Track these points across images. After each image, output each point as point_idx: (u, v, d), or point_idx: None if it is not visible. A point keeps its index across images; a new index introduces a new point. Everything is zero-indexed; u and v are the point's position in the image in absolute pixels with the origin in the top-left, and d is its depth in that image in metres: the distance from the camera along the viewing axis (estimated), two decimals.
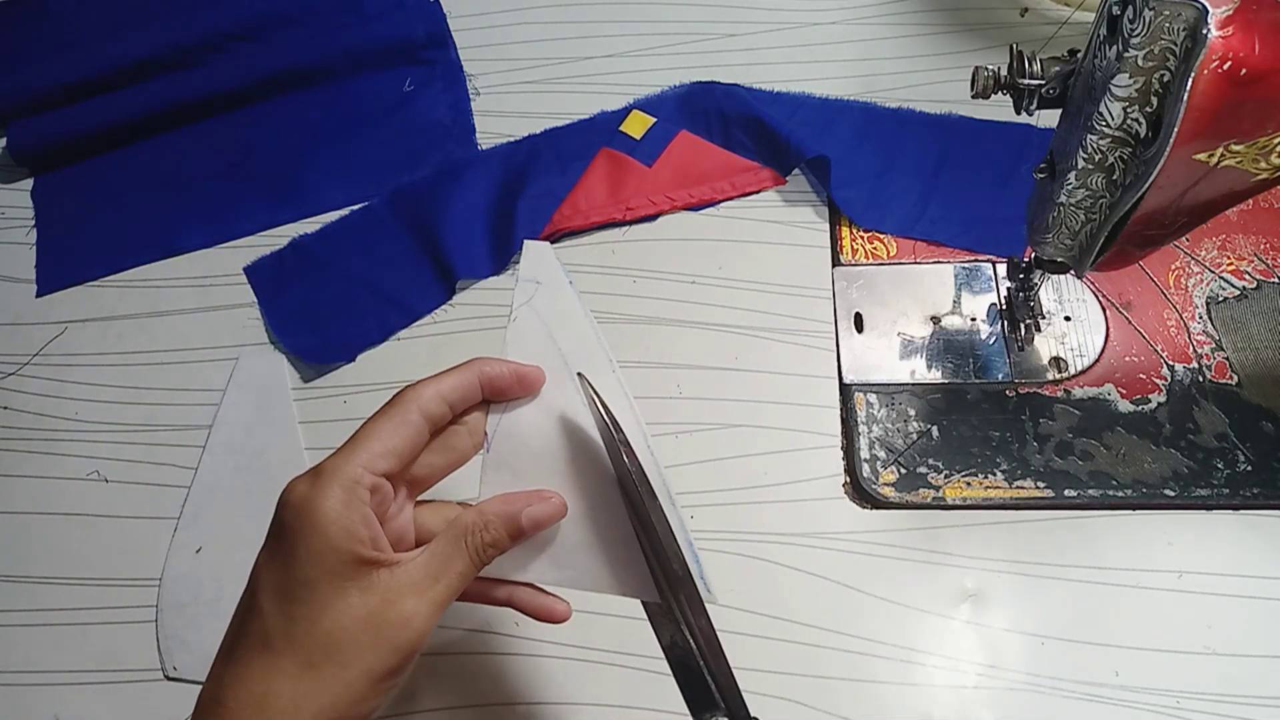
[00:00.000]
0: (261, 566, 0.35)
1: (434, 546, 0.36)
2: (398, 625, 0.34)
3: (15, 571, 0.56)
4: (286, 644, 0.33)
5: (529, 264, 0.43)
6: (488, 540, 0.37)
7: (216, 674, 0.35)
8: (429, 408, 0.37)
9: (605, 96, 0.70)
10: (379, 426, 0.36)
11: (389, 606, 0.34)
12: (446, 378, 0.38)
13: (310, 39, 0.73)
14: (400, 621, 0.34)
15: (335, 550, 0.34)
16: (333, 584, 0.34)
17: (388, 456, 0.36)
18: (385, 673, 0.34)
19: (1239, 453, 0.53)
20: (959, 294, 0.60)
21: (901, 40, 0.72)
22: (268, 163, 0.70)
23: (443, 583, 0.36)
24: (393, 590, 0.34)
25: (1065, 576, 0.51)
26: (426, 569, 0.36)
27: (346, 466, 0.35)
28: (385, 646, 0.34)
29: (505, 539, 0.37)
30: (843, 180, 0.64)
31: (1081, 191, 0.43)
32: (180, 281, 0.65)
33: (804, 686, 0.49)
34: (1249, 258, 0.60)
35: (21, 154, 0.70)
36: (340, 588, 0.34)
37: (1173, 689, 0.48)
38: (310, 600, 0.33)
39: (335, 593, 0.34)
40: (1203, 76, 0.35)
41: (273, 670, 0.33)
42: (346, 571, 0.34)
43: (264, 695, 0.33)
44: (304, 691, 0.33)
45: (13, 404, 0.61)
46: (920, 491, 0.54)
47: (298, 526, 0.34)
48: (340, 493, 0.34)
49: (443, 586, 0.36)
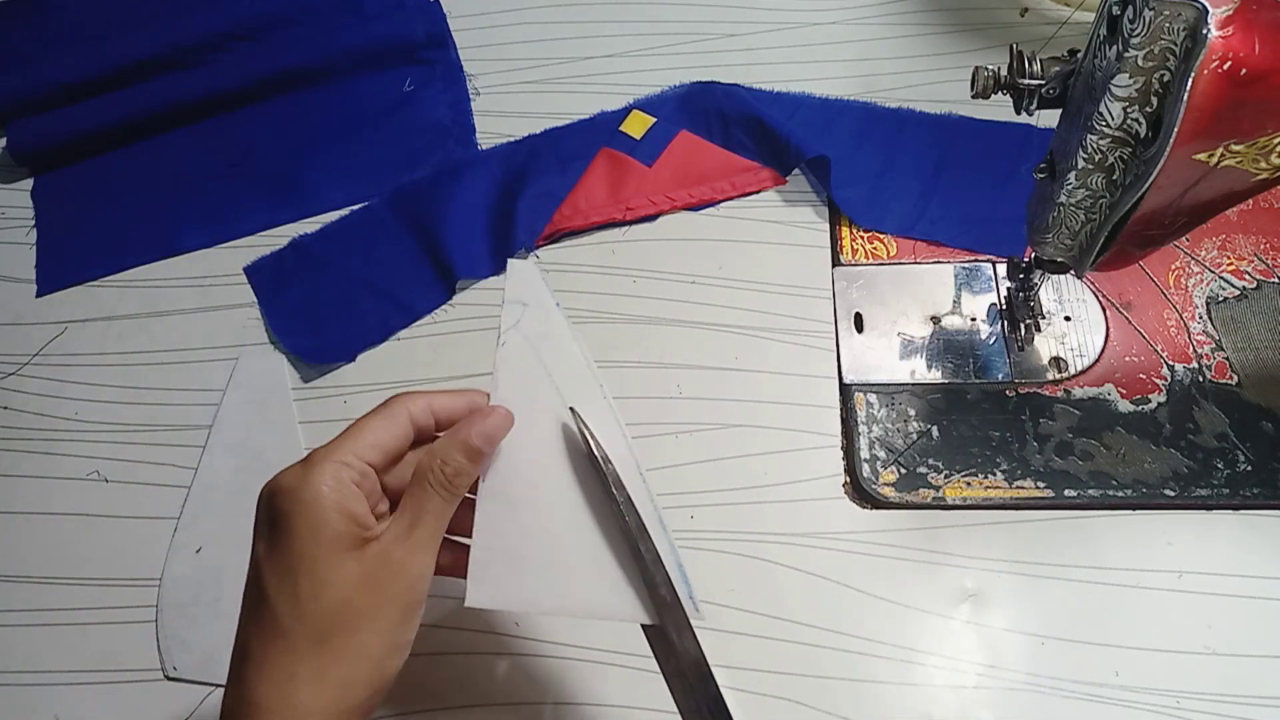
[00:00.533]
0: (261, 557, 0.36)
1: (405, 498, 0.38)
2: (392, 578, 0.36)
3: (15, 571, 0.56)
4: (297, 623, 0.35)
5: (515, 284, 0.42)
6: (450, 471, 0.37)
7: (237, 675, 0.35)
8: (417, 414, 0.39)
9: (605, 96, 0.70)
10: (367, 422, 0.38)
11: (381, 565, 0.36)
12: (440, 394, 0.40)
13: (310, 39, 0.73)
14: (393, 574, 0.36)
15: (330, 524, 0.35)
16: (331, 556, 0.35)
17: (375, 448, 0.37)
18: (393, 627, 0.36)
19: (1239, 453, 0.53)
20: (959, 294, 0.60)
21: (901, 40, 0.72)
22: (268, 163, 0.70)
23: (422, 524, 0.37)
24: (381, 551, 0.36)
25: (1065, 576, 0.51)
26: (403, 520, 0.37)
27: (335, 453, 0.36)
28: (385, 602, 0.36)
29: (465, 463, 0.38)
30: (843, 180, 0.64)
31: (1081, 191, 0.43)
32: (180, 281, 0.65)
33: (804, 686, 0.49)
34: (1249, 258, 0.60)
35: (21, 154, 0.70)
36: (338, 559, 0.35)
37: (1173, 689, 0.48)
38: (313, 574, 0.35)
39: (334, 564, 0.35)
40: (1203, 76, 0.35)
41: (289, 653, 0.34)
42: (342, 544, 0.35)
43: (288, 680, 0.34)
44: (323, 665, 0.34)
45: (13, 404, 0.61)
46: (920, 491, 0.54)
47: (291, 508, 0.35)
48: (331, 474, 0.36)
49: (423, 528, 0.37)
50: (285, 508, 0.35)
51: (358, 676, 0.35)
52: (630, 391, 0.58)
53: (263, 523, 0.37)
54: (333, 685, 0.34)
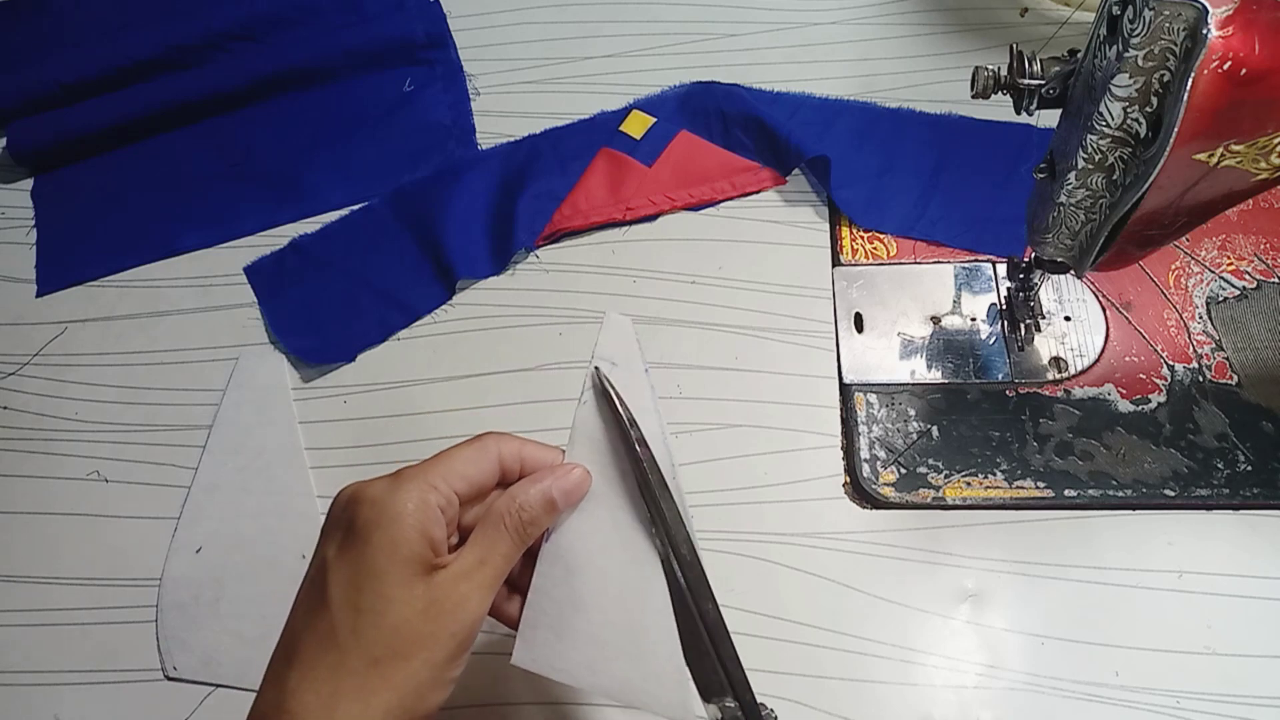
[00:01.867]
0: (331, 559, 0.35)
1: (476, 534, 0.37)
2: (453, 611, 0.35)
3: (15, 571, 0.56)
4: (353, 639, 0.34)
5: (608, 339, 0.41)
6: (526, 519, 0.37)
7: (279, 677, 0.35)
8: (506, 456, 0.39)
9: (605, 96, 0.70)
10: (459, 452, 0.38)
11: (445, 595, 0.35)
12: (531, 444, 0.40)
13: (310, 39, 0.73)
14: (455, 607, 0.35)
15: (409, 542, 0.34)
16: (402, 575, 0.34)
17: (463, 479, 0.37)
18: (445, 661, 0.35)
19: (1239, 453, 0.53)
20: (959, 294, 0.60)
21: (901, 40, 0.72)
22: (268, 163, 0.70)
23: (489, 565, 0.36)
24: (447, 581, 0.35)
25: (1065, 576, 0.51)
26: (472, 555, 0.37)
27: (426, 475, 0.36)
28: (444, 634, 0.35)
29: (541, 514, 0.38)
30: (843, 180, 0.64)
31: (1081, 191, 0.43)
32: (180, 281, 0.65)
33: (804, 686, 0.49)
34: (1249, 258, 0.60)
35: (21, 154, 0.70)
36: (408, 580, 0.34)
37: (1173, 689, 0.48)
38: (380, 591, 0.34)
39: (403, 584, 0.34)
40: (1203, 76, 0.35)
41: (339, 669, 0.34)
42: (415, 566, 0.35)
43: (332, 695, 0.33)
44: (372, 688, 0.34)
45: (13, 404, 0.61)
46: (920, 491, 0.54)
47: (374, 518, 0.35)
48: (418, 494, 0.35)
49: (490, 568, 0.36)
50: (367, 516, 0.35)
51: (402, 705, 0.34)
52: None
53: (337, 525, 0.36)
54: (376, 710, 0.34)
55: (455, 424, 0.58)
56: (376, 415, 0.59)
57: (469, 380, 0.60)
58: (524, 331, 0.61)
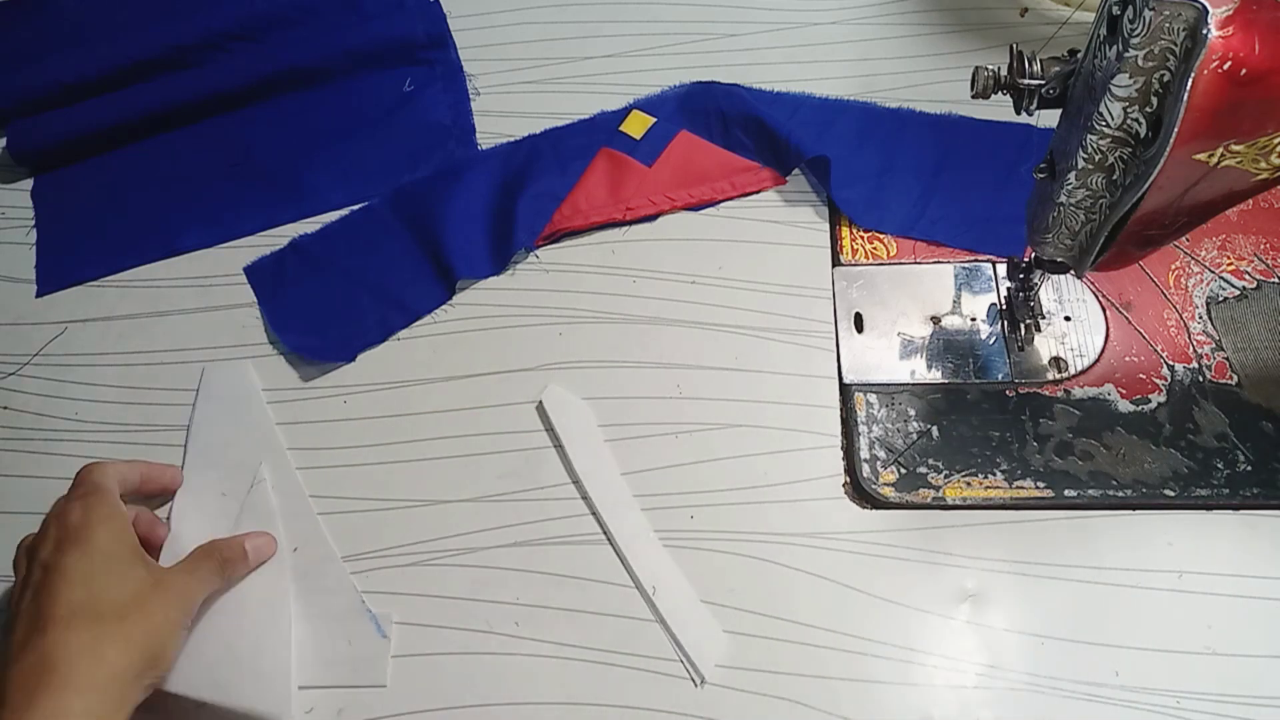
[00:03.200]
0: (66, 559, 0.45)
1: (189, 556, 0.50)
2: (178, 589, 0.47)
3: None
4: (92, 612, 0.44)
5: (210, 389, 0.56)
6: (226, 556, 0.50)
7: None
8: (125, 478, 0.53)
9: (605, 96, 0.70)
10: None
11: (167, 576, 0.47)
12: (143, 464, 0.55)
13: (310, 39, 0.73)
14: (179, 589, 0.47)
15: (129, 530, 0.48)
16: (130, 558, 0.47)
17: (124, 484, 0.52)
18: (179, 621, 0.46)
19: (1239, 453, 0.53)
20: (959, 294, 0.60)
21: (901, 40, 0.72)
22: (268, 163, 0.70)
23: (196, 576, 0.48)
24: (165, 571, 0.48)
25: (1065, 576, 0.51)
26: (184, 566, 0.49)
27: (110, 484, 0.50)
28: (175, 601, 0.46)
29: (238, 558, 0.50)
30: (843, 180, 0.64)
31: (1081, 191, 0.43)
32: (180, 281, 0.65)
33: (804, 686, 0.49)
34: (1249, 258, 0.60)
35: (21, 154, 0.70)
36: (134, 561, 0.47)
37: (1173, 689, 0.48)
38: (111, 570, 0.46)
39: (131, 564, 0.46)
40: (1203, 76, 0.35)
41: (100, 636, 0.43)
42: (137, 552, 0.47)
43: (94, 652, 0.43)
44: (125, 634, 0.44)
45: (13, 404, 0.61)
46: (920, 491, 0.54)
47: (99, 517, 0.47)
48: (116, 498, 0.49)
49: (197, 579, 0.48)
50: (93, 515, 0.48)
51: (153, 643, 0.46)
52: (630, 392, 0.58)
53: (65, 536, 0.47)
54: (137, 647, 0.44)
55: (455, 424, 0.58)
56: (376, 415, 0.59)
57: (469, 380, 0.60)
58: (524, 331, 0.61)
